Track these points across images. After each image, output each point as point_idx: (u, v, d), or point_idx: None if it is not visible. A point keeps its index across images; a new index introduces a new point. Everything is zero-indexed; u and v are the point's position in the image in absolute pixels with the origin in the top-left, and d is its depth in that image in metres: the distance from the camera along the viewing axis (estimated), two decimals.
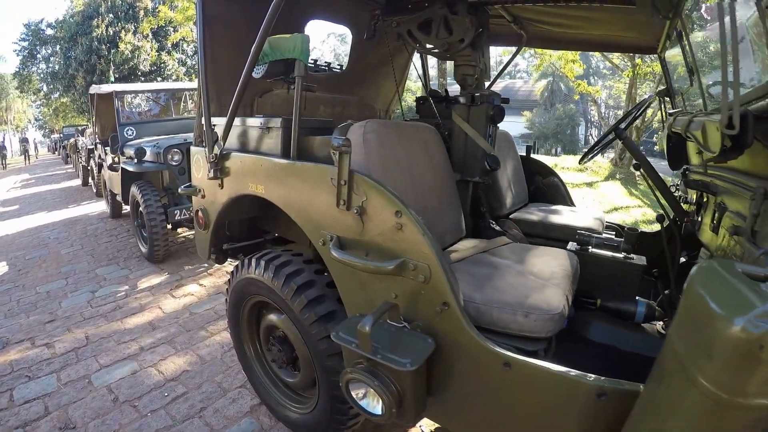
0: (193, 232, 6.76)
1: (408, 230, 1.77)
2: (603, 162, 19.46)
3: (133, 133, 7.41)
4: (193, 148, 3.07)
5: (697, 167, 2.66)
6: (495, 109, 3.13)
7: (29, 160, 31.18)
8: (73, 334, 4.23)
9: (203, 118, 2.68)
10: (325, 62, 4.04)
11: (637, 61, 14.77)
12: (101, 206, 10.47)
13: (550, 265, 2.28)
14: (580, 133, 40.95)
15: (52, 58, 29.90)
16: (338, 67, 4.11)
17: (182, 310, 4.67)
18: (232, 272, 2.74)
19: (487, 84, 3.33)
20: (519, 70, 55.93)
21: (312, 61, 3.85)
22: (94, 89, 8.35)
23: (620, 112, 31.25)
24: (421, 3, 3.03)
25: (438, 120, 3.61)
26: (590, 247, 2.72)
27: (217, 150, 2.60)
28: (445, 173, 2.81)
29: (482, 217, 3.40)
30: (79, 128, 21.65)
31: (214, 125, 2.70)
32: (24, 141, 33.64)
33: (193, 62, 28.12)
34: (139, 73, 26.00)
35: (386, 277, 1.86)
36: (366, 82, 4.23)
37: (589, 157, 3.17)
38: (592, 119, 42.14)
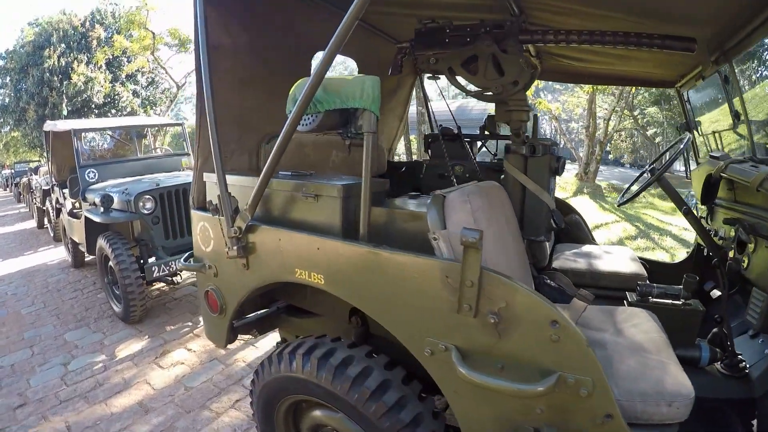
0: (168, 286, 6.17)
1: (567, 342, 1.46)
2: (569, 177, 19.58)
3: (95, 175, 6.80)
4: (194, 213, 2.61)
5: (728, 202, 3.00)
6: (557, 160, 2.90)
7: None
8: (51, 423, 3.65)
9: (215, 176, 2.19)
10: None
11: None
12: (60, 253, 9.69)
13: (646, 331, 2.17)
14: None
15: (1, 90, 28.62)
16: None
17: (175, 384, 4.13)
18: (259, 369, 2.31)
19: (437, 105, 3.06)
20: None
21: None
22: (49, 126, 7.74)
23: (574, 125, 31.97)
24: (463, 37, 2.63)
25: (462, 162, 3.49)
26: (651, 297, 2.67)
27: (241, 222, 2.14)
28: (519, 235, 2.52)
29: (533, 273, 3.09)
30: (32, 165, 20.57)
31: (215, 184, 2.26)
32: None
33: (147, 93, 27.33)
34: (93, 106, 25.08)
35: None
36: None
37: (627, 199, 2.99)
38: (552, 134, 42.70)
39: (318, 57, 3.19)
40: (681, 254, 7.38)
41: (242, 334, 2.78)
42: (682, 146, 2.70)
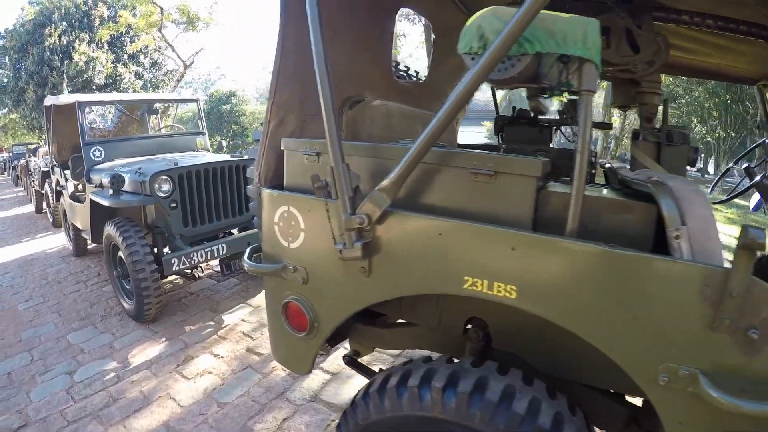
0: (187, 280, 5.44)
1: None
2: None
3: (101, 154, 6.04)
4: (268, 194, 1.95)
5: None
6: (695, 151, 2.71)
7: None
8: None
9: (299, 142, 1.87)
10: (405, 66, 3.27)
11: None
12: (60, 240, 8.97)
13: None
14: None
15: (0, 71, 27.87)
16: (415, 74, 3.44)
17: (205, 399, 3.45)
18: (359, 405, 1.69)
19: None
20: None
21: (394, 63, 3.06)
22: (51, 100, 7.01)
23: None
24: (589, 7, 2.40)
25: (542, 148, 3.30)
26: None
27: (374, 208, 1.54)
28: None
29: None
30: (30, 147, 19.96)
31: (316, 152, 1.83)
32: None
33: (150, 75, 26.55)
34: (94, 87, 24.25)
35: None
36: (443, 93, 3.45)
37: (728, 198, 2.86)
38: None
39: (403, 14, 2.85)
40: None
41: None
42: None
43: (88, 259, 7.48)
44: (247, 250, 2.16)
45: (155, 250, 4.77)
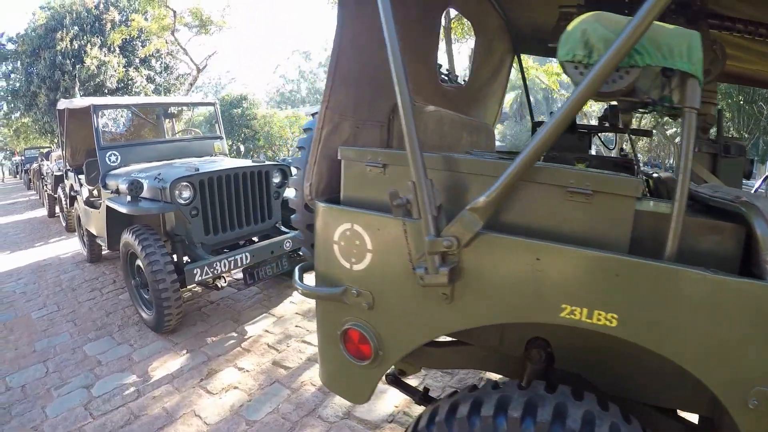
0: (203, 288, 5.26)
1: None
2: None
3: (117, 158, 5.88)
4: (324, 208, 1.78)
5: None
6: (750, 163, 2.73)
7: None
8: None
9: (359, 152, 1.72)
10: (446, 70, 3.14)
11: None
12: (74, 245, 8.83)
13: None
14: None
15: (12, 75, 27.89)
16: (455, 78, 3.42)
17: (233, 417, 3.28)
18: None
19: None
20: None
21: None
22: (65, 104, 6.88)
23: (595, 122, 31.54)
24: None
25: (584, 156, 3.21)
26: None
27: (464, 231, 1.41)
28: None
29: None
30: (43, 151, 19.97)
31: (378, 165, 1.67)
32: None
33: (162, 79, 26.54)
34: (106, 91, 24.24)
35: None
36: (479, 98, 3.45)
37: None
38: None
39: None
40: None
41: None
42: None
43: (103, 265, 7.34)
44: (297, 270, 1.98)
45: (174, 258, 4.61)
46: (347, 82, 1.87)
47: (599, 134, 4.13)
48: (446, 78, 3.12)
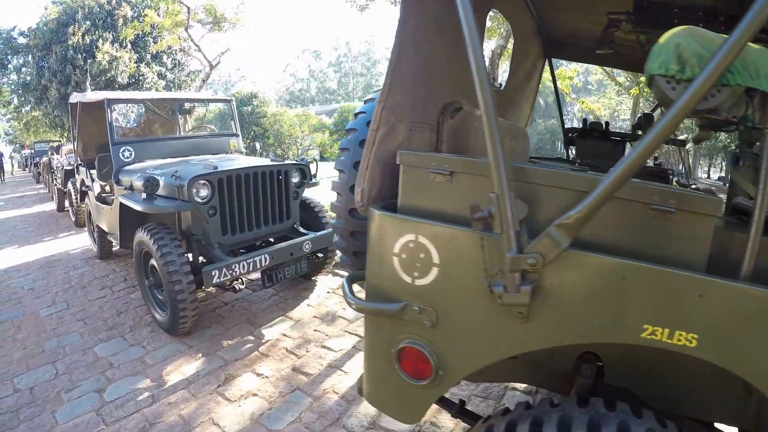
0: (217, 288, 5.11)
1: None
2: None
3: (130, 154, 5.74)
4: (382, 216, 1.63)
5: None
6: None
7: (4, 176, 28.75)
8: None
9: (416, 154, 1.64)
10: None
11: (641, 79, 14.56)
12: (83, 240, 8.72)
13: None
14: (560, 147, 42.03)
15: (23, 68, 27.94)
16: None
17: (253, 426, 3.13)
18: None
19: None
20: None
21: None
22: (77, 97, 6.76)
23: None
24: (695, 21, 2.20)
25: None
26: None
27: (551, 248, 1.32)
28: None
29: None
30: (53, 144, 19.93)
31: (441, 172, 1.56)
32: None
33: (173, 75, 26.48)
34: (117, 86, 24.20)
35: None
36: (515, 102, 3.41)
37: None
38: None
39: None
40: None
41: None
42: None
43: (114, 262, 7.20)
44: (345, 282, 1.82)
45: (190, 258, 4.45)
46: (405, 82, 1.76)
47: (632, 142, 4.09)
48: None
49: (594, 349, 1.75)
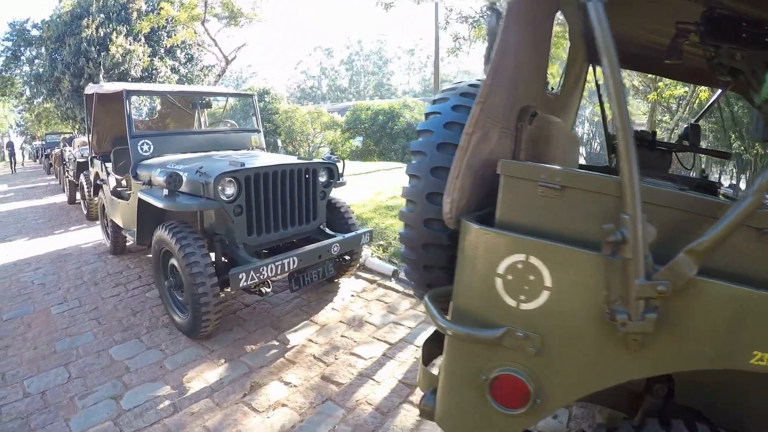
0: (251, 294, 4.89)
1: None
2: None
3: (149, 148, 5.52)
4: (480, 231, 1.47)
5: None
6: None
7: (15, 167, 28.74)
8: None
9: (521, 164, 1.57)
10: None
11: (659, 84, 14.35)
12: (95, 234, 8.53)
13: None
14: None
15: (36, 60, 27.94)
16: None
17: None
18: None
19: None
20: None
21: None
22: (93, 88, 6.57)
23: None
24: (763, 36, 2.17)
25: (670, 176, 3.18)
26: None
27: (681, 274, 1.26)
28: None
29: None
30: (65, 136, 19.82)
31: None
32: (9, 146, 31.19)
33: (186, 70, 26.36)
34: (130, 79, 24.10)
35: None
36: (566, 107, 3.32)
37: None
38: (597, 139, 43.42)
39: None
40: None
41: None
42: None
43: (127, 258, 6.98)
44: (429, 301, 1.62)
45: (213, 259, 4.22)
46: (504, 83, 1.62)
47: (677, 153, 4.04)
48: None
49: None
